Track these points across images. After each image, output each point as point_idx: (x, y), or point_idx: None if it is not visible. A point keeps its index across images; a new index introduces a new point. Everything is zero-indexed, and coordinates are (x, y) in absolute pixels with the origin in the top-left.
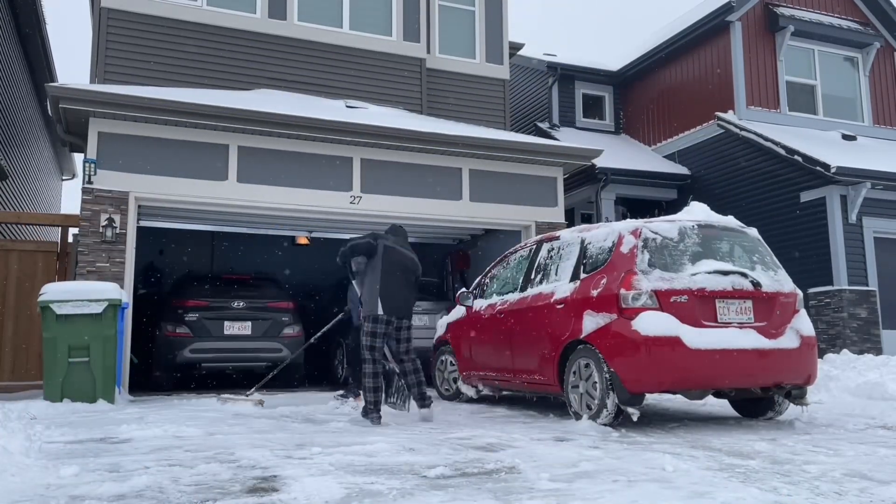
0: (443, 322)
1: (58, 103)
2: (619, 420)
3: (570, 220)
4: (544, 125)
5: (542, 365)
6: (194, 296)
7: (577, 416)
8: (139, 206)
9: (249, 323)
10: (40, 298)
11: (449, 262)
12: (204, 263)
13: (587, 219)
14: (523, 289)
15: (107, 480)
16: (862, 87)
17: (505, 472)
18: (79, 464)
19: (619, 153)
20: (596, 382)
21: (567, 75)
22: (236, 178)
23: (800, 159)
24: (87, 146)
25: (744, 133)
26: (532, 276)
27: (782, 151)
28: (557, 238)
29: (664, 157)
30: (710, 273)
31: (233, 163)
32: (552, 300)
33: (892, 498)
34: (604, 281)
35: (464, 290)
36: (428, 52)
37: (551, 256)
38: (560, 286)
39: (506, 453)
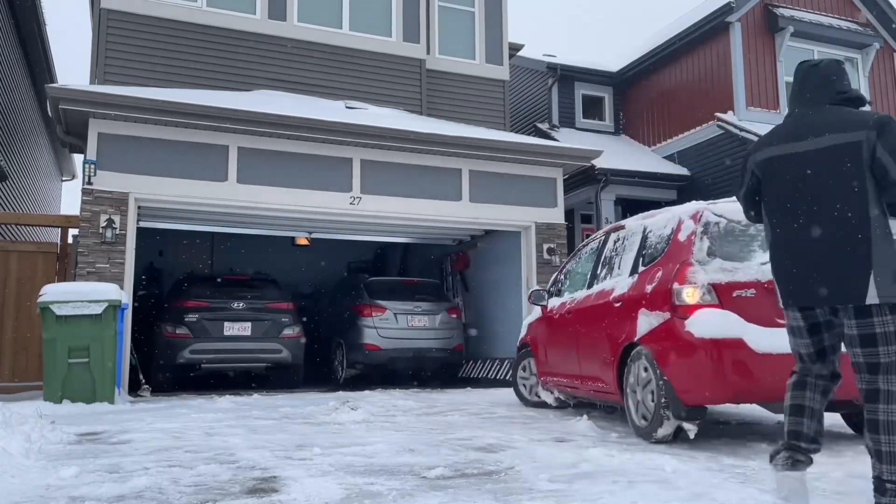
0: (525, 322)
1: (58, 104)
2: (677, 437)
3: (570, 221)
4: (544, 126)
5: (604, 370)
6: (194, 297)
7: (637, 430)
8: (139, 207)
9: (249, 324)
10: (40, 299)
11: (448, 263)
12: (204, 264)
13: (587, 219)
14: (590, 285)
15: (106, 481)
16: (861, 88)
17: (504, 472)
18: (78, 465)
19: (619, 154)
20: (652, 392)
21: (567, 76)
22: (236, 178)
23: None
24: (87, 147)
25: (743, 134)
26: (598, 271)
27: None
28: (623, 227)
29: (664, 157)
30: None
31: (232, 164)
32: (611, 298)
33: None
34: (658, 274)
35: (537, 288)
36: (428, 52)
37: (616, 248)
38: (620, 282)
39: (505, 454)
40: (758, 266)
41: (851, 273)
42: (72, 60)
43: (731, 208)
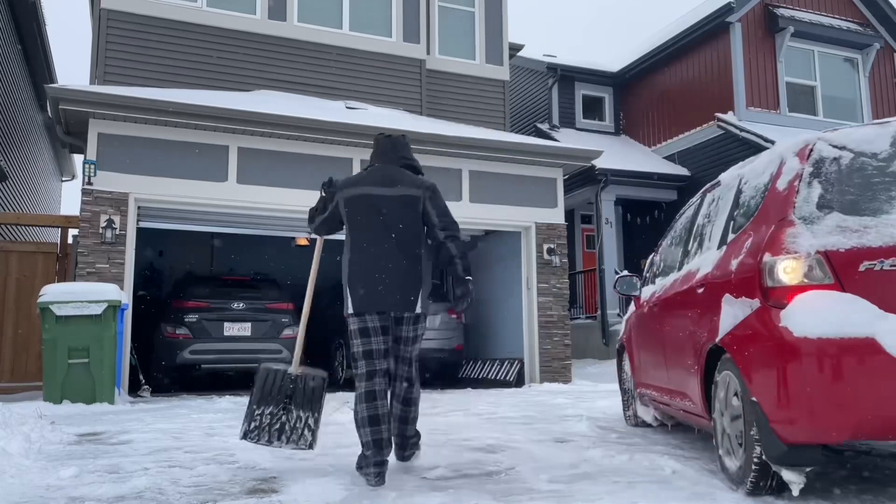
0: (624, 319)
1: (58, 104)
2: (780, 492)
3: (570, 221)
4: (544, 126)
5: (688, 382)
6: (194, 297)
7: (725, 473)
8: (139, 208)
9: (249, 324)
10: (40, 299)
11: None
12: (204, 264)
13: (587, 220)
14: (680, 266)
15: (106, 482)
16: (862, 88)
17: (505, 473)
18: (78, 465)
19: (619, 154)
20: (739, 417)
21: (567, 76)
22: (236, 179)
23: None
24: (87, 147)
25: (744, 134)
26: (689, 247)
27: None
28: (718, 184)
29: (664, 157)
30: None
31: (232, 164)
32: (694, 282)
33: None
34: (747, 243)
35: (626, 273)
36: (428, 53)
37: (709, 214)
38: (706, 258)
39: (506, 454)
40: None
41: (410, 290)
42: (72, 60)
43: (858, 136)
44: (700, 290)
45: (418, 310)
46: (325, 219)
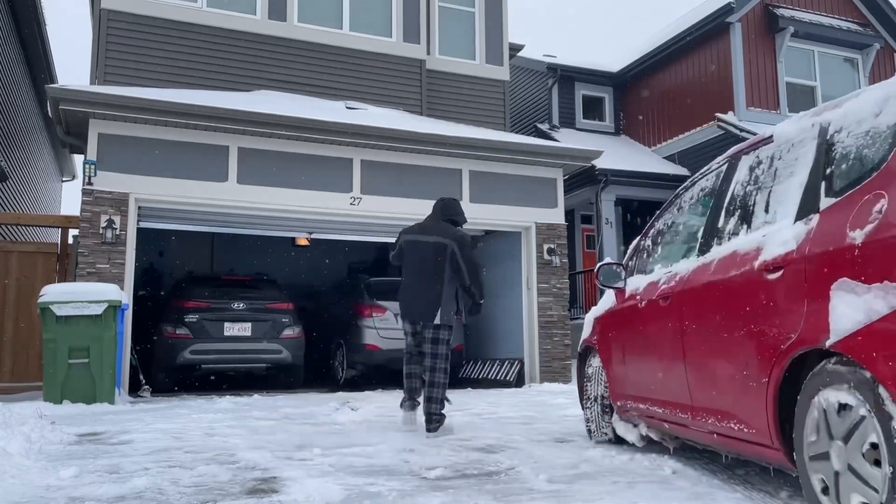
0: (589, 317)
1: (58, 104)
2: None
3: (570, 221)
4: (544, 126)
5: (744, 399)
6: (194, 297)
7: None
8: (139, 208)
9: (249, 324)
10: (40, 300)
11: None
12: (204, 265)
13: (587, 220)
14: (704, 249)
15: (106, 482)
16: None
17: (505, 473)
18: (78, 465)
19: (619, 154)
20: (880, 461)
21: (567, 76)
22: (236, 179)
23: None
24: (87, 147)
25: (744, 134)
26: (719, 224)
27: None
28: (768, 141)
29: (664, 158)
30: None
31: (233, 164)
32: (757, 264)
33: None
34: (881, 206)
35: (608, 261)
36: (428, 53)
37: (755, 179)
38: (774, 234)
39: (505, 455)
40: None
41: (431, 308)
42: (72, 60)
43: None
44: (773, 276)
45: (437, 321)
46: (394, 254)
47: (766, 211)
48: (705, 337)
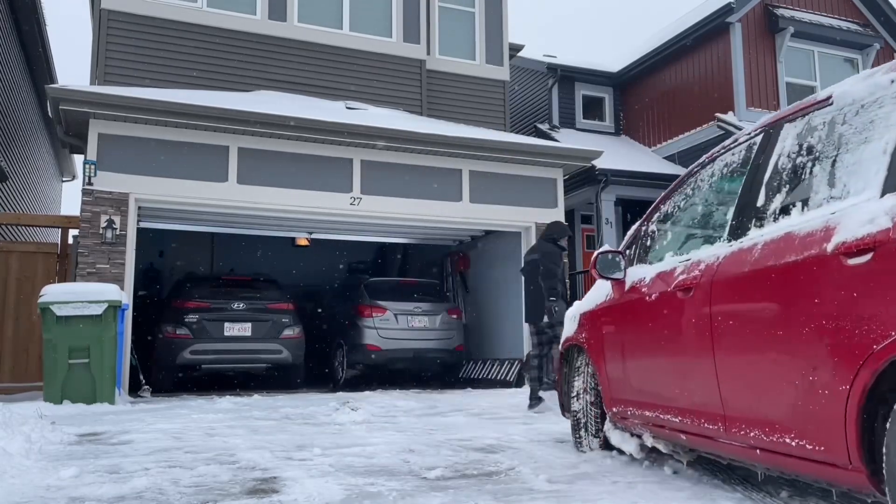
0: (572, 313)
1: (58, 105)
2: None
3: (570, 221)
4: (544, 126)
5: (806, 409)
6: (194, 297)
7: None
8: (139, 208)
9: (249, 324)
10: (40, 300)
11: (448, 263)
12: (204, 265)
13: (587, 220)
14: (738, 233)
15: (107, 482)
16: None
17: (505, 473)
18: (78, 465)
19: (619, 154)
20: None
21: (567, 76)
22: (236, 179)
23: None
24: (87, 147)
25: None
26: (758, 202)
27: None
28: (824, 104)
29: (664, 158)
30: None
31: (233, 164)
32: (831, 247)
33: None
34: None
35: (605, 247)
36: (428, 53)
37: (809, 149)
38: (850, 211)
39: (505, 455)
40: None
41: (538, 311)
42: (72, 60)
43: None
44: (855, 262)
45: (545, 320)
46: (522, 269)
47: (830, 185)
48: (747, 335)
